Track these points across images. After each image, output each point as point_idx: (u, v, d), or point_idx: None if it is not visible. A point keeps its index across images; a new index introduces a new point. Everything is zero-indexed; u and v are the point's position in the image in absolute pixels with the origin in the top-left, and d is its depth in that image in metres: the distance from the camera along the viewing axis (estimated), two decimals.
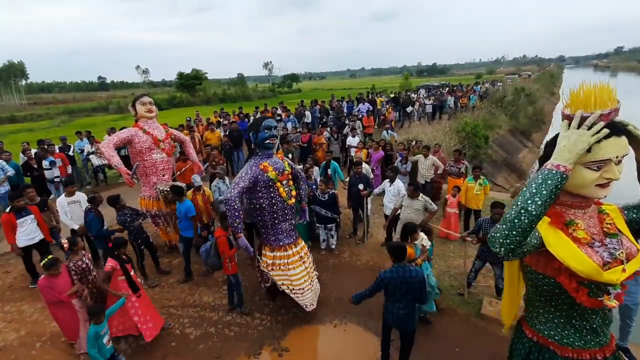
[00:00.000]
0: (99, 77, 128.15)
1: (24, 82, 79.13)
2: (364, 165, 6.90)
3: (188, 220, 5.24)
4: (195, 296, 5.17)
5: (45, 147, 8.45)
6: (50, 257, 3.79)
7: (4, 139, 21.61)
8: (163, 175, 5.78)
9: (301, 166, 7.02)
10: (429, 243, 4.33)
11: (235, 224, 3.94)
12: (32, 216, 5.14)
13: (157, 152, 5.65)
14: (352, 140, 9.91)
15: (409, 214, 5.22)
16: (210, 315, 4.76)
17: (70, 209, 5.45)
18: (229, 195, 3.89)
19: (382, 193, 6.23)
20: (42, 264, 3.71)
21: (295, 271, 4.37)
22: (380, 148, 8.57)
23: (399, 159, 7.94)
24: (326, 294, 5.15)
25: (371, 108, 15.35)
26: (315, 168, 7.23)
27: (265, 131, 4.09)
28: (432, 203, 5.33)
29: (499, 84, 31.59)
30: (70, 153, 9.28)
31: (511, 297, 2.24)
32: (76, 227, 5.37)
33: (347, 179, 7.14)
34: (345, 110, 15.36)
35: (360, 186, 6.26)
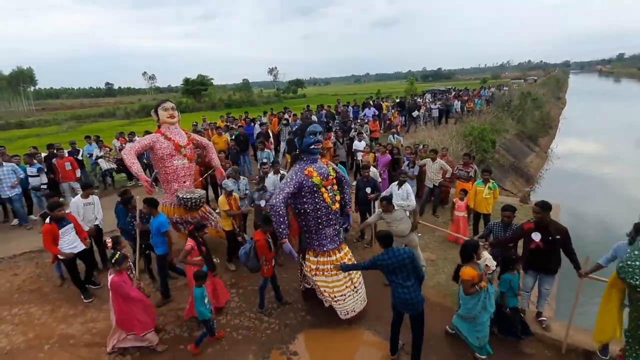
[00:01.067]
0: (106, 83, 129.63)
1: (32, 89, 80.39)
2: (372, 169, 6.86)
3: (161, 236, 4.77)
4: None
5: (55, 151, 8.53)
6: (119, 252, 3.94)
7: (12, 144, 21.96)
8: (184, 182, 5.68)
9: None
10: (494, 263, 3.94)
11: (280, 230, 3.99)
12: (72, 224, 5.00)
13: (178, 159, 5.55)
14: (358, 145, 9.88)
15: (397, 227, 4.94)
16: (219, 319, 4.72)
17: (84, 210, 5.54)
18: (274, 201, 3.95)
19: (390, 197, 6.16)
20: (113, 260, 3.84)
21: (337, 277, 4.32)
22: (387, 152, 8.54)
23: (406, 162, 7.90)
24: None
25: (377, 113, 15.35)
26: None
27: (310, 137, 4.10)
28: (409, 201, 5.49)
29: (505, 88, 31.48)
30: (79, 157, 9.35)
31: (604, 313, 2.10)
32: (87, 228, 5.40)
33: (354, 183, 7.11)
34: (351, 115, 15.38)
35: (368, 190, 6.22)
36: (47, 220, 4.87)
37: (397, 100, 20.12)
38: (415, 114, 17.34)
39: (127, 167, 5.11)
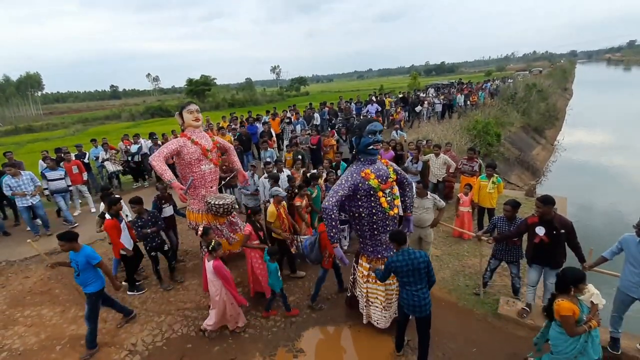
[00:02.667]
0: (111, 86, 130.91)
1: (39, 93, 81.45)
2: None
3: (92, 270, 4.23)
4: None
5: (62, 155, 8.66)
6: (214, 241, 4.27)
7: (21, 148, 22.30)
8: (211, 187, 5.47)
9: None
10: (603, 301, 3.12)
11: (332, 234, 3.77)
12: (125, 221, 5.38)
13: (205, 163, 5.32)
14: None
15: (421, 214, 5.16)
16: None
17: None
18: (326, 204, 3.72)
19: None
20: (210, 247, 4.16)
21: (391, 287, 4.10)
22: (390, 148, 8.53)
23: (410, 158, 7.88)
24: (339, 296, 5.13)
25: (380, 109, 15.29)
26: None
27: (369, 136, 3.78)
28: (441, 200, 5.28)
29: (509, 80, 31.09)
30: (86, 160, 9.48)
31: None
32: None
33: None
34: (354, 112, 15.34)
35: None
36: (107, 216, 5.19)
37: (400, 96, 20.00)
38: (418, 109, 17.24)
39: (159, 174, 4.88)
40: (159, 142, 10.25)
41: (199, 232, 4.63)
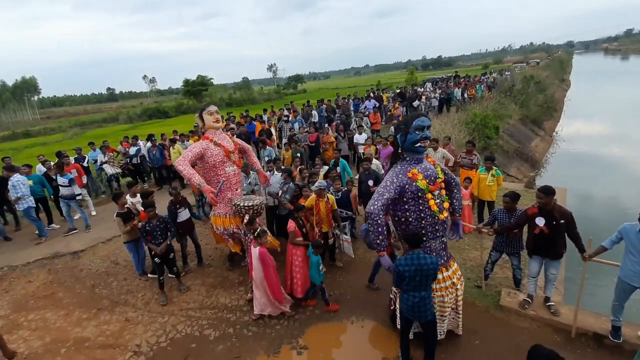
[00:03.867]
0: (108, 89, 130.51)
1: (36, 98, 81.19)
2: (374, 161, 6.86)
3: None
4: (212, 298, 5.23)
5: (62, 159, 8.65)
6: (260, 227, 4.51)
7: (19, 154, 22.26)
8: (236, 190, 5.31)
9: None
10: None
11: (378, 241, 3.41)
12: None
13: (229, 165, 5.16)
14: (359, 138, 9.87)
15: None
16: (228, 316, 4.80)
17: (138, 207, 5.88)
18: (371, 208, 3.39)
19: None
20: (255, 234, 4.41)
21: (443, 299, 3.70)
22: (388, 144, 8.52)
23: None
24: (342, 292, 5.16)
25: (377, 104, 15.27)
26: (325, 167, 7.21)
27: (417, 132, 3.42)
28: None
29: (507, 73, 31.04)
30: (85, 164, 9.47)
31: None
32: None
33: (357, 176, 7.09)
34: (352, 108, 15.32)
35: (370, 182, 6.23)
36: (140, 207, 5.60)
37: (398, 91, 19.97)
38: (416, 103, 17.22)
39: (187, 179, 4.78)
40: (157, 144, 10.22)
41: (245, 220, 4.79)
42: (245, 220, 4.81)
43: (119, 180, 10.49)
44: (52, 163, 8.63)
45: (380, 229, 3.38)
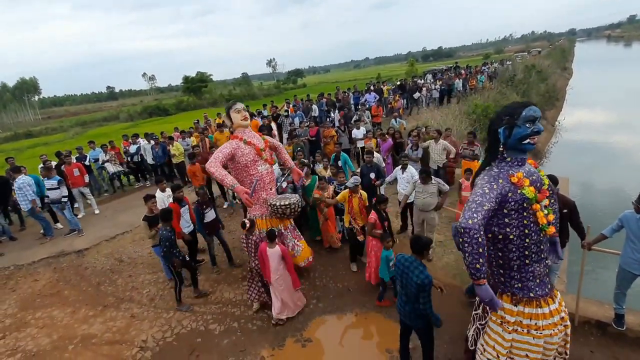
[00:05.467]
0: (108, 87, 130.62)
1: (37, 98, 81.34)
2: (375, 154, 6.85)
3: None
4: (216, 293, 5.27)
5: (62, 158, 8.67)
6: (273, 228, 4.47)
7: (21, 154, 22.36)
8: (270, 189, 5.10)
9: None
10: None
11: (478, 265, 2.54)
12: (187, 206, 5.60)
13: (261, 164, 4.96)
14: (357, 132, 9.82)
15: (425, 199, 5.19)
16: (233, 311, 4.85)
17: (168, 202, 5.87)
18: (469, 222, 2.52)
19: (395, 181, 6.19)
20: (267, 233, 4.39)
21: (551, 339, 2.84)
22: (388, 137, 8.50)
23: (410, 145, 7.86)
24: (345, 284, 5.18)
25: (378, 97, 15.19)
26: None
27: (527, 125, 2.70)
28: (445, 184, 5.30)
29: (508, 62, 30.75)
30: (87, 163, 9.50)
31: None
32: None
33: (358, 170, 7.09)
34: (352, 102, 15.25)
35: (372, 175, 6.22)
36: (171, 200, 5.64)
37: (398, 83, 19.84)
38: (416, 95, 17.12)
39: (219, 181, 4.62)
40: (159, 142, 10.23)
41: (246, 227, 4.64)
42: (246, 227, 4.67)
43: (122, 178, 10.54)
44: (54, 163, 8.66)
45: (480, 250, 2.54)
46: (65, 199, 7.40)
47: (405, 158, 6.10)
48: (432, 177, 5.31)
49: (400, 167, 6.02)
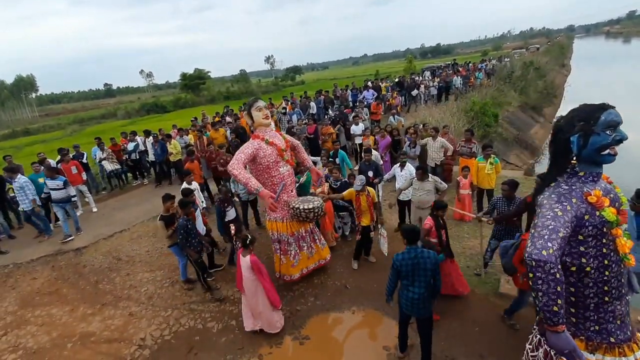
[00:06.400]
0: (105, 84, 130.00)
1: (34, 95, 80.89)
2: (374, 152, 6.87)
3: None
4: (212, 287, 5.28)
5: (61, 156, 8.64)
6: (251, 236, 4.16)
7: (19, 152, 22.28)
8: (291, 191, 4.95)
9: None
10: None
11: (555, 309, 2.04)
12: (199, 209, 5.53)
13: (282, 165, 4.78)
14: (355, 129, 9.84)
15: (421, 196, 5.22)
16: (231, 309, 4.86)
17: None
18: (542, 254, 2.03)
19: (393, 179, 6.21)
20: (248, 241, 4.08)
21: None
22: (386, 134, 8.51)
23: (407, 143, 7.87)
24: (342, 282, 5.20)
25: (376, 94, 15.18)
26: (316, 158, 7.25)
27: (607, 132, 2.28)
28: (442, 182, 5.32)
29: (506, 59, 30.72)
30: (84, 160, 9.47)
31: None
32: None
33: (357, 167, 7.11)
34: (350, 99, 15.24)
35: (370, 173, 6.24)
36: (196, 193, 5.52)
37: (396, 80, 19.82)
38: (414, 93, 17.11)
39: (244, 184, 4.38)
40: (159, 139, 10.20)
41: (233, 230, 4.51)
42: (232, 232, 4.60)
43: (120, 176, 10.51)
44: (51, 161, 8.62)
45: (558, 288, 2.04)
46: (75, 199, 7.40)
47: (404, 156, 6.12)
48: (429, 174, 5.33)
49: (398, 164, 6.04)
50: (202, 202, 6.19)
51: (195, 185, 6.15)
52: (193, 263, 4.95)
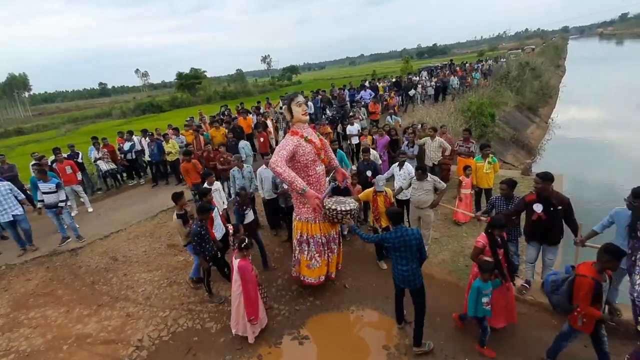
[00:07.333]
0: (100, 84, 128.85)
1: (27, 94, 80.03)
2: (372, 151, 6.85)
3: None
4: (213, 292, 5.23)
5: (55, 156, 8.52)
6: (247, 239, 4.08)
7: (12, 151, 22.01)
8: (324, 191, 4.72)
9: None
10: None
11: None
12: (216, 209, 5.42)
13: (319, 164, 4.61)
14: (351, 129, 9.82)
15: (420, 196, 5.21)
16: (229, 309, 4.79)
17: (214, 197, 5.56)
18: None
19: (391, 178, 6.19)
20: (242, 245, 4.00)
21: None
22: (385, 134, 8.51)
23: (405, 143, 7.87)
24: (341, 282, 5.18)
25: (373, 94, 15.19)
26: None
27: None
28: (441, 182, 5.31)
29: (502, 60, 30.89)
30: (79, 160, 9.36)
31: None
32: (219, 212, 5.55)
33: (354, 167, 7.09)
34: (347, 99, 15.23)
35: (369, 173, 6.22)
36: (217, 193, 5.42)
37: (393, 80, 19.84)
38: (412, 93, 17.14)
39: (288, 184, 4.23)
40: (155, 139, 10.12)
41: (231, 230, 4.40)
42: (230, 231, 4.48)
43: (116, 176, 10.40)
44: (48, 160, 8.49)
45: None
46: (63, 204, 6.81)
47: (403, 155, 6.11)
48: (428, 174, 5.32)
49: (397, 164, 6.03)
50: (224, 202, 5.98)
51: (217, 185, 5.96)
52: (202, 268, 4.87)
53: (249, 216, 5.53)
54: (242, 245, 4.01)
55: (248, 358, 4.04)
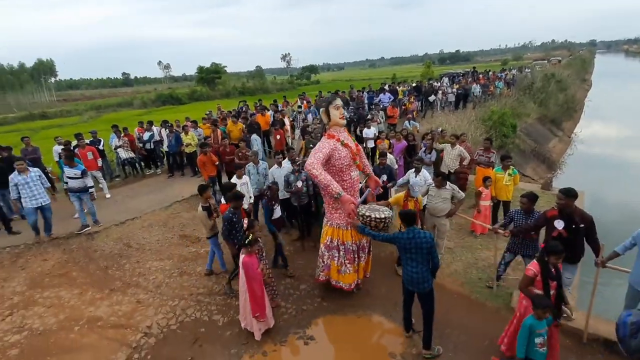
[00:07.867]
0: (123, 74, 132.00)
1: (53, 80, 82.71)
2: (389, 156, 6.79)
3: None
4: (222, 284, 5.27)
5: (77, 142, 8.74)
6: (252, 235, 4.04)
7: (36, 134, 22.74)
8: (357, 197, 4.63)
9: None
10: None
11: None
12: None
13: (354, 169, 4.53)
14: (367, 132, 9.74)
15: (437, 204, 5.12)
16: (237, 303, 4.82)
17: (240, 190, 5.59)
18: None
19: (406, 184, 6.11)
20: (247, 241, 3.97)
21: None
22: (402, 138, 8.41)
23: (423, 149, 7.76)
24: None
25: (392, 98, 15.06)
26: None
27: None
28: (460, 191, 5.20)
29: (527, 70, 30.21)
30: (101, 147, 9.59)
31: None
32: (245, 206, 5.48)
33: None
34: (366, 101, 15.15)
35: (384, 177, 6.15)
36: (222, 200, 5.35)
37: (414, 85, 19.63)
38: (432, 98, 16.91)
39: (323, 186, 4.18)
40: (174, 130, 10.29)
41: (245, 226, 4.39)
42: (244, 226, 4.44)
43: (134, 165, 10.61)
44: (72, 144, 8.70)
45: None
46: (92, 189, 6.97)
47: (420, 162, 6.01)
48: (447, 182, 5.23)
49: (413, 170, 5.94)
50: (250, 197, 5.97)
51: (244, 179, 5.95)
52: (234, 260, 4.78)
53: (277, 212, 5.53)
54: (247, 242, 3.97)
55: (253, 353, 4.05)
